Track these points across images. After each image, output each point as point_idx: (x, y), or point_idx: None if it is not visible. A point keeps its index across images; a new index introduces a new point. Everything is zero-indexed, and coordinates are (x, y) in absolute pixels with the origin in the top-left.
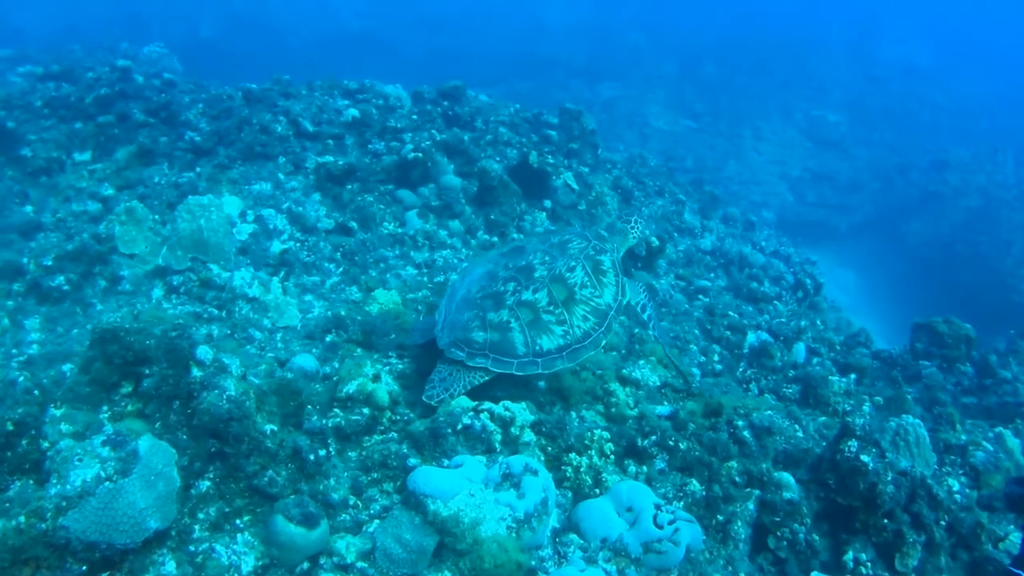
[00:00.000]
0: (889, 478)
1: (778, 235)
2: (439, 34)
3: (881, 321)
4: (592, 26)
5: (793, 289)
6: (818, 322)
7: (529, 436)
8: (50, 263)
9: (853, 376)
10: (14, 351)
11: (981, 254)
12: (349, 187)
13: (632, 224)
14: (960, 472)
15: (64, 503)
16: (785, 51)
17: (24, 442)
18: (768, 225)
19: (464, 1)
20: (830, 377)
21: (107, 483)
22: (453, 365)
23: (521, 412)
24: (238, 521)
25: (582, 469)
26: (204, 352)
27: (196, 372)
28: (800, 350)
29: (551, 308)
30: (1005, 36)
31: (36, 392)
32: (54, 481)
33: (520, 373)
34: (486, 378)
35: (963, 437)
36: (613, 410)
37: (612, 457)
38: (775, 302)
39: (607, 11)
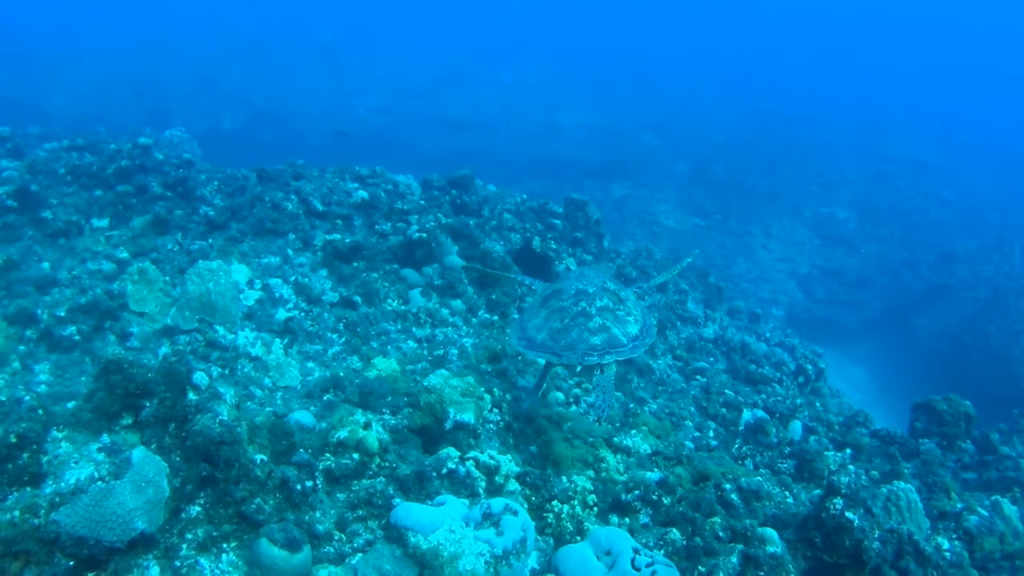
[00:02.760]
0: (876, 535)
1: (783, 327)
2: (455, 134)
3: (891, 417)
4: (605, 128)
5: (794, 375)
6: (817, 404)
7: (514, 486)
8: (63, 314)
9: (849, 452)
10: (22, 388)
11: (991, 344)
12: (355, 264)
13: None
14: (954, 536)
15: (58, 499)
16: (794, 150)
17: (25, 455)
18: (774, 319)
19: (480, 103)
20: (825, 452)
21: (99, 483)
22: (595, 390)
23: (506, 462)
24: (224, 545)
25: (563, 516)
26: (200, 378)
27: (192, 396)
28: (796, 428)
29: (618, 306)
30: (1010, 128)
31: (40, 412)
32: (50, 482)
33: (633, 355)
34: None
35: (958, 505)
36: (604, 474)
37: (595, 509)
38: (773, 384)
39: (621, 113)
